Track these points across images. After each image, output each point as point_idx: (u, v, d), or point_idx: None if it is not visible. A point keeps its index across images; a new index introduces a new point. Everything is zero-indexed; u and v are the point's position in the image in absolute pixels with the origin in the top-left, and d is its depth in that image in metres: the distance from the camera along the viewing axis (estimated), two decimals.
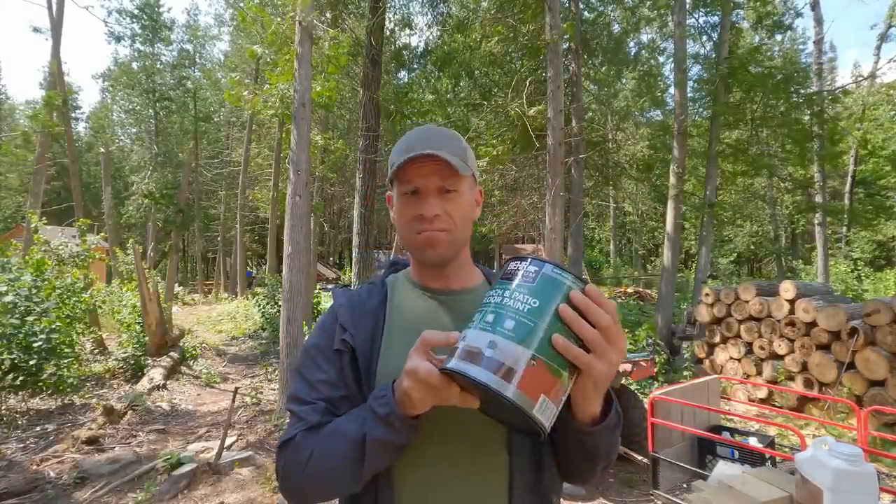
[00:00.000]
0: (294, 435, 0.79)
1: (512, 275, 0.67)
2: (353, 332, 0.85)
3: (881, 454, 3.32)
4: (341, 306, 0.89)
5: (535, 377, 0.60)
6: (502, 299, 0.65)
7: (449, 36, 11.84)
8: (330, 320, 0.89)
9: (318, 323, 0.92)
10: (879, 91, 20.14)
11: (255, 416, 5.33)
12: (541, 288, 0.64)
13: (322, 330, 0.89)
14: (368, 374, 0.82)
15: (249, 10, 5.98)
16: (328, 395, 0.82)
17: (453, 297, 0.91)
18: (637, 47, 14.55)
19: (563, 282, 0.65)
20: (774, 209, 22.32)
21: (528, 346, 0.60)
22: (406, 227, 0.87)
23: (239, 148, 24.82)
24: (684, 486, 3.28)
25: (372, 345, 0.84)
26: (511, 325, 0.62)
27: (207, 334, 10.48)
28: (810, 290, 5.90)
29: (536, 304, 0.63)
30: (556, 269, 0.66)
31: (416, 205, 0.85)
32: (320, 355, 0.86)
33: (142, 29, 24.29)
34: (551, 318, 0.62)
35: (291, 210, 5.08)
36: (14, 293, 5.15)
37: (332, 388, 0.82)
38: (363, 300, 0.90)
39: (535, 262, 0.67)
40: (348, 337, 0.84)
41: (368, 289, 0.94)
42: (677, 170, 8.85)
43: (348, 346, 0.84)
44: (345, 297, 0.92)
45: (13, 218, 30.97)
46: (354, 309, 0.88)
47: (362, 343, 0.84)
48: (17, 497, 3.36)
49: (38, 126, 10.31)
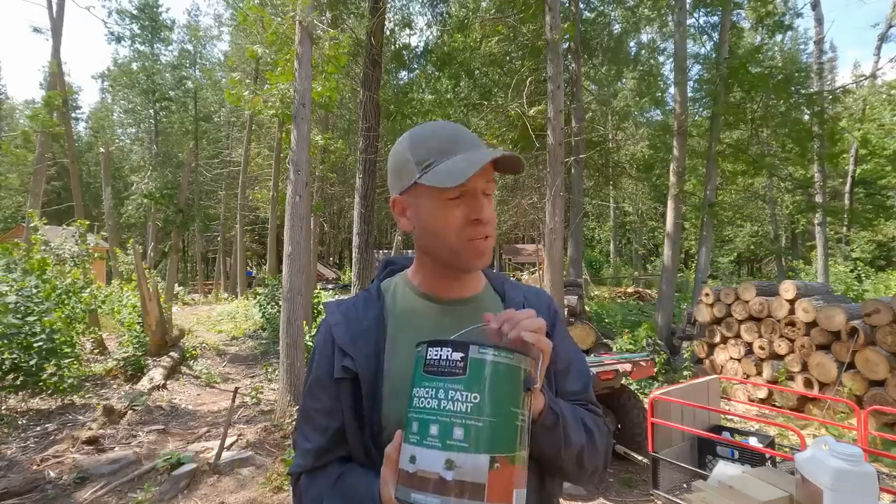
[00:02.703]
0: (299, 475, 0.80)
1: (438, 369, 0.62)
2: (354, 354, 0.77)
3: (881, 454, 3.32)
4: (337, 326, 0.81)
5: (502, 478, 0.57)
6: (440, 403, 0.59)
7: (449, 36, 11.84)
8: (326, 343, 0.81)
9: (317, 346, 0.83)
10: (880, 91, 20.14)
11: (255, 415, 5.33)
12: (474, 377, 0.60)
13: (321, 356, 0.81)
14: (374, 399, 0.76)
15: (249, 11, 5.98)
16: (324, 426, 0.79)
17: (458, 306, 0.84)
18: (637, 47, 14.58)
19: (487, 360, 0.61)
20: (774, 209, 22.32)
21: (485, 450, 0.57)
22: (456, 232, 0.76)
23: (239, 148, 24.82)
24: (684, 486, 3.28)
25: (376, 366, 0.77)
26: (461, 433, 0.57)
27: (207, 334, 10.48)
28: (810, 290, 5.90)
29: (477, 400, 0.59)
30: (481, 349, 0.61)
31: (470, 208, 0.76)
32: (317, 385, 0.81)
33: (141, 29, 24.31)
34: (494, 405, 0.59)
35: (291, 210, 5.08)
36: (16, 293, 5.16)
37: (327, 417, 0.79)
38: (360, 315, 0.82)
39: (458, 348, 0.62)
40: (349, 363, 0.77)
41: (364, 298, 0.85)
42: (677, 169, 8.86)
43: (350, 371, 0.77)
44: (339, 313, 0.83)
45: (13, 218, 30.97)
46: (351, 327, 0.80)
47: (365, 365, 0.77)
48: (17, 497, 3.36)
49: (38, 126, 10.32)
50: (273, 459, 4.04)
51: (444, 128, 0.79)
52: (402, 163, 0.78)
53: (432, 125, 0.80)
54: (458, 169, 0.73)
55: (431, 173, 0.75)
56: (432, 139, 0.77)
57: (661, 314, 8.69)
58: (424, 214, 0.78)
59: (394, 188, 0.82)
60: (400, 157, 0.79)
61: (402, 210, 0.81)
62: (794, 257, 21.88)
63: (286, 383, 4.86)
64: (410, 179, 0.77)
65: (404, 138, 0.80)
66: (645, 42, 15.15)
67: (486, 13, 11.69)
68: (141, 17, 23.86)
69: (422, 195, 0.77)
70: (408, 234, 6.04)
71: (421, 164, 0.76)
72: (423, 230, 0.79)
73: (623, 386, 4.11)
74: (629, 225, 33.29)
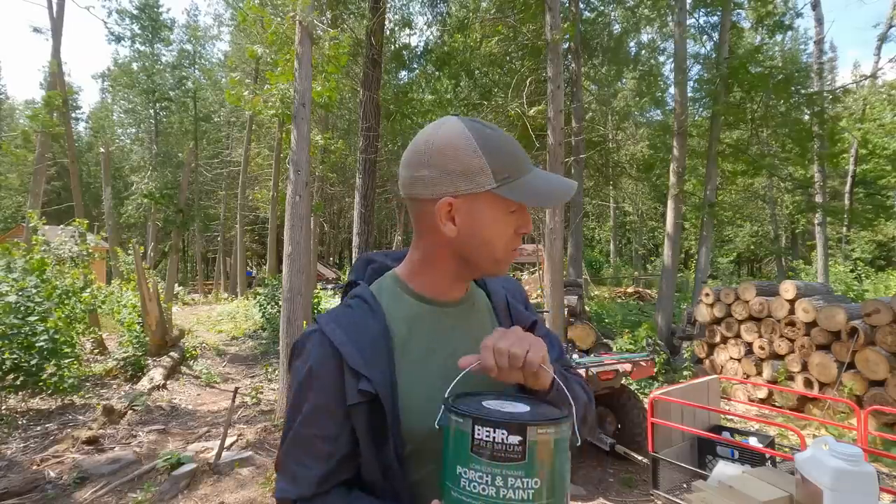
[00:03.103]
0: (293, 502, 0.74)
1: (493, 453, 0.58)
2: (370, 375, 0.71)
3: (881, 454, 3.32)
4: (343, 345, 0.72)
5: None
6: (498, 492, 0.57)
7: (449, 36, 11.85)
8: (328, 365, 0.73)
9: (311, 369, 0.74)
10: (880, 91, 20.14)
11: (255, 415, 5.33)
12: (532, 461, 0.58)
13: (322, 379, 0.73)
14: (395, 419, 0.72)
15: (249, 11, 5.98)
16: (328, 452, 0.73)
17: (455, 307, 0.84)
18: (637, 47, 14.57)
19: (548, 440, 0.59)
20: (774, 209, 22.33)
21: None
22: (505, 244, 0.77)
23: (239, 148, 24.83)
24: (684, 486, 3.28)
25: (390, 384, 0.72)
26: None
27: (207, 334, 10.48)
28: (810, 290, 5.90)
29: (538, 485, 0.58)
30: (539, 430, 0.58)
31: (522, 221, 0.78)
32: (319, 411, 0.73)
33: (142, 29, 24.31)
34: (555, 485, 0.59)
35: (291, 210, 5.08)
36: (16, 293, 5.16)
37: (332, 444, 0.73)
38: (363, 329, 0.75)
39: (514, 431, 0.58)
40: (366, 385, 0.70)
41: (360, 309, 0.78)
42: (677, 169, 8.86)
43: (368, 395, 0.70)
44: (340, 330, 0.74)
45: (13, 218, 30.98)
46: (360, 344, 0.73)
47: (382, 385, 0.71)
48: (17, 497, 3.36)
49: (38, 126, 10.31)
50: (273, 459, 4.04)
51: (513, 142, 0.78)
52: (472, 167, 0.73)
53: (497, 135, 0.76)
54: (545, 191, 0.75)
55: (514, 188, 0.74)
56: (508, 152, 0.75)
57: (661, 314, 8.70)
58: (481, 223, 0.75)
59: (442, 186, 0.74)
60: (468, 161, 0.73)
61: (448, 213, 0.75)
62: (794, 257, 21.89)
63: (286, 383, 4.85)
64: (482, 187, 0.73)
65: (468, 140, 0.73)
66: (645, 42, 15.16)
67: (486, 13, 11.69)
68: (141, 18, 23.85)
69: (486, 205, 0.75)
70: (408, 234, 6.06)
71: (498, 175, 0.73)
72: (473, 237, 0.76)
73: (623, 386, 4.11)
74: (629, 225, 33.31)
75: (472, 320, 0.85)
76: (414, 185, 0.76)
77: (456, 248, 0.78)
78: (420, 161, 0.75)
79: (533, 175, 0.77)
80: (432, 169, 0.74)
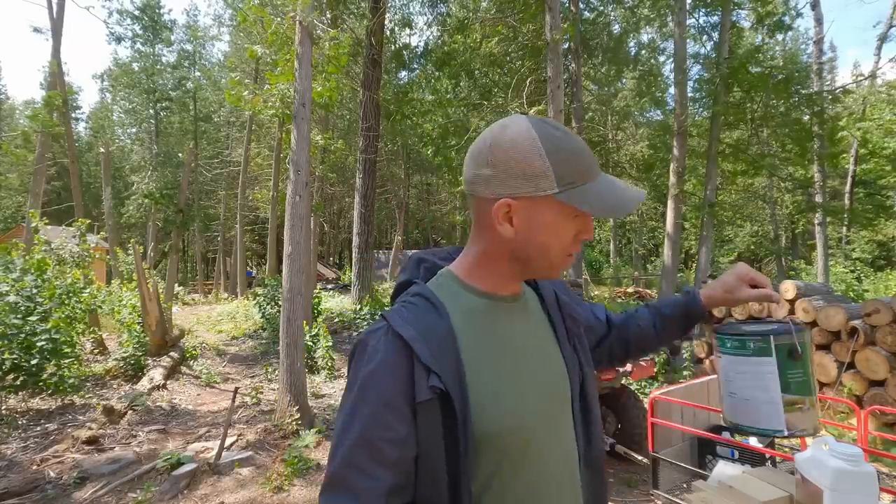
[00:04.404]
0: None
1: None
2: (440, 371, 0.69)
3: (881, 454, 3.32)
4: (415, 340, 0.70)
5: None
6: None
7: (449, 36, 11.84)
8: (399, 361, 0.70)
9: (375, 365, 0.70)
10: (880, 90, 20.13)
11: (255, 415, 5.33)
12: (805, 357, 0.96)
13: (387, 375, 0.70)
14: (465, 416, 0.69)
15: (249, 11, 5.98)
16: (396, 458, 0.68)
17: (515, 301, 0.84)
18: (637, 47, 14.56)
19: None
20: (774, 209, 22.32)
21: None
22: (563, 248, 0.77)
23: (239, 148, 24.83)
24: (684, 486, 3.28)
25: (460, 379, 0.70)
26: None
27: (207, 334, 10.48)
28: (811, 289, 5.90)
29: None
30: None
31: (584, 228, 0.77)
32: (387, 409, 0.68)
33: (142, 30, 24.30)
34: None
35: (291, 210, 5.08)
36: (16, 293, 5.16)
37: (401, 448, 0.68)
38: (430, 326, 0.73)
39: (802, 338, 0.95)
40: (436, 381, 0.68)
41: (424, 307, 0.76)
42: (677, 169, 8.86)
43: (438, 390, 0.68)
44: (412, 326, 0.72)
45: (13, 218, 30.99)
46: (430, 341, 0.71)
47: (452, 381, 0.69)
48: (17, 497, 3.36)
49: (38, 126, 10.31)
50: (273, 459, 4.04)
51: (582, 146, 0.75)
52: (534, 170, 0.72)
53: (565, 137, 0.74)
54: (611, 200, 0.74)
55: (577, 194, 0.72)
56: (575, 156, 0.73)
57: None
58: (541, 226, 0.74)
59: (502, 187, 0.73)
60: (531, 163, 0.72)
61: (507, 214, 0.74)
62: (794, 257, 21.89)
63: (286, 383, 4.85)
64: (543, 191, 0.72)
65: (533, 141, 0.72)
66: (645, 42, 15.15)
67: (486, 13, 11.69)
68: (142, 18, 23.84)
69: (547, 209, 0.73)
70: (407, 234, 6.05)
71: (562, 181, 0.72)
72: (532, 240, 0.75)
73: (623, 386, 4.11)
74: (629, 225, 33.29)
75: (529, 315, 0.85)
76: (475, 183, 0.76)
77: (513, 249, 0.77)
78: (483, 159, 0.75)
79: (600, 181, 0.75)
80: (494, 168, 0.73)
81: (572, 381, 0.84)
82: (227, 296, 20.55)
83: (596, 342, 1.08)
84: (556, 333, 0.87)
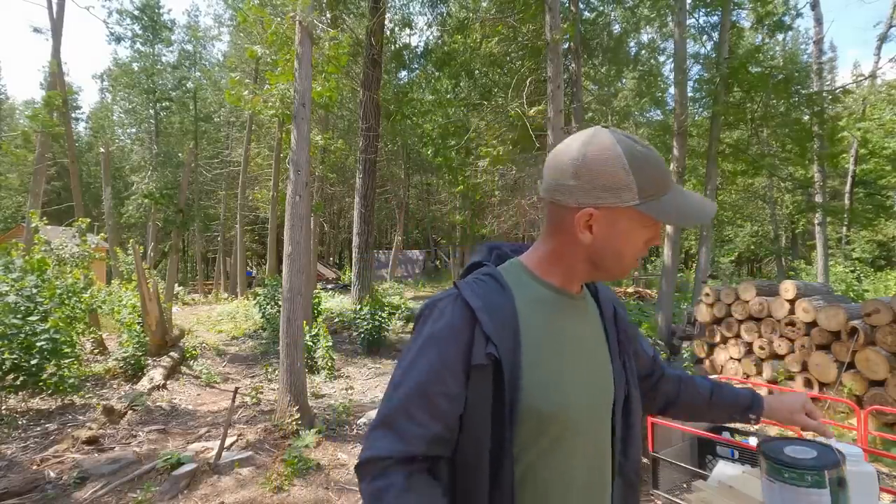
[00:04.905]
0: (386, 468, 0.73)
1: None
2: (498, 342, 0.75)
3: (881, 454, 3.32)
4: (480, 311, 0.76)
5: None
6: None
7: (449, 36, 11.84)
8: (464, 327, 0.76)
9: (443, 327, 0.77)
10: (880, 90, 20.13)
11: (255, 415, 5.33)
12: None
13: (451, 338, 0.76)
14: (514, 390, 0.75)
15: (249, 11, 5.98)
16: (445, 411, 0.74)
17: (579, 299, 0.88)
18: (637, 47, 14.55)
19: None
20: (774, 209, 22.32)
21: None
22: (635, 255, 0.82)
23: (239, 148, 24.81)
24: (684, 486, 3.28)
25: (514, 355, 0.76)
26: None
27: (207, 334, 10.48)
28: (810, 289, 5.90)
29: None
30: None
31: (653, 235, 0.82)
32: (445, 367, 0.75)
33: (142, 30, 24.29)
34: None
35: (291, 210, 5.08)
36: (16, 293, 5.15)
37: (451, 403, 0.74)
38: (496, 303, 0.79)
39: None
40: (493, 349, 0.74)
41: (493, 285, 0.82)
42: (677, 169, 8.86)
43: (493, 358, 0.74)
44: (478, 297, 0.78)
45: (13, 218, 30.98)
46: (493, 314, 0.77)
47: (507, 354, 0.75)
48: (17, 497, 3.36)
49: (38, 126, 10.31)
50: (273, 459, 4.04)
51: (660, 160, 0.80)
52: (618, 182, 0.76)
53: (646, 152, 0.78)
54: (686, 210, 0.80)
55: (656, 205, 0.77)
56: (655, 169, 0.78)
57: (662, 313, 8.71)
58: (617, 235, 0.79)
59: (586, 197, 0.77)
60: (616, 176, 0.76)
61: (587, 223, 0.79)
62: (794, 257, 21.89)
63: (286, 383, 4.85)
64: (625, 202, 0.76)
65: (619, 157, 0.76)
66: (645, 42, 15.13)
67: (486, 13, 11.69)
68: (141, 18, 23.83)
69: (624, 218, 0.78)
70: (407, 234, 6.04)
71: (644, 192, 0.76)
72: (607, 247, 0.80)
73: None
74: None
75: (588, 314, 0.90)
76: (558, 191, 0.80)
77: (588, 254, 0.82)
78: (569, 170, 0.78)
79: (674, 193, 0.80)
80: (580, 180, 0.77)
81: (617, 393, 0.88)
82: (227, 296, 20.54)
83: (641, 375, 1.10)
84: (609, 346, 0.91)
